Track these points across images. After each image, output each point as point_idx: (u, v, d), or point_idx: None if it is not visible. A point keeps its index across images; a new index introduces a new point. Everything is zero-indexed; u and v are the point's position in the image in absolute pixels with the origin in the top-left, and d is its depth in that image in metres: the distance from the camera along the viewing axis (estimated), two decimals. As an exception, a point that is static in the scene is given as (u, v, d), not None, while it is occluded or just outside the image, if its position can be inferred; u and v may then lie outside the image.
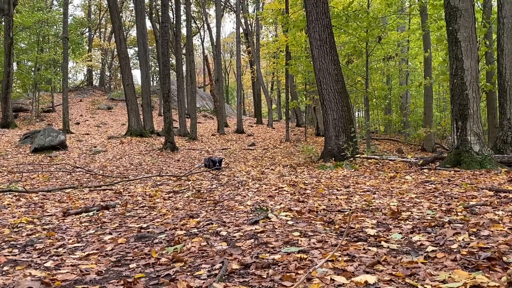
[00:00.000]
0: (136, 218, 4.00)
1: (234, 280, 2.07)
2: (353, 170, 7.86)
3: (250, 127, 26.68)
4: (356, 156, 9.10)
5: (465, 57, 7.12)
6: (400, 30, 19.03)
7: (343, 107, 9.91)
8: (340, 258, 2.29)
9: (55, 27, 26.82)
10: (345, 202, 4.32)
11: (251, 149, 16.03)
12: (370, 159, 9.13)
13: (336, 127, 9.81)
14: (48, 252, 2.84)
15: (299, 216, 3.57)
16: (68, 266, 2.49)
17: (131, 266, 2.44)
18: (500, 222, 3.02)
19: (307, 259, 2.32)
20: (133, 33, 39.54)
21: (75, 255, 2.72)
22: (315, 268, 2.05)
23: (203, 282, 2.05)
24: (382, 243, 2.63)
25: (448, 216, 3.32)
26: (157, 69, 34.40)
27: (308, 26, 10.34)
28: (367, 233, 2.90)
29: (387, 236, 2.82)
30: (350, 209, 3.85)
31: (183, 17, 25.03)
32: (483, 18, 11.78)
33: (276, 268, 2.20)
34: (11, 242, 3.14)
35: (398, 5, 15.06)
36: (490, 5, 12.75)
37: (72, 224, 3.82)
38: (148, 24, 36.74)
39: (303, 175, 7.37)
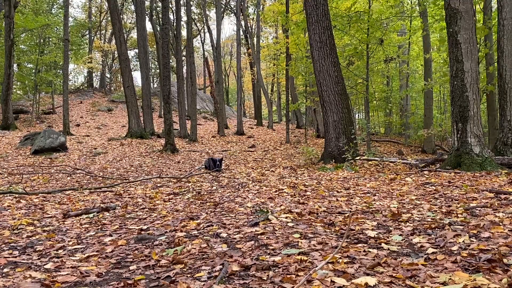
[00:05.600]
0: (136, 220, 4.00)
1: (234, 282, 2.07)
2: (353, 172, 7.86)
3: (250, 129, 26.69)
4: (357, 158, 9.10)
5: (465, 59, 7.13)
6: (401, 33, 19.09)
7: (343, 109, 9.92)
8: (340, 260, 2.29)
9: (56, 29, 26.89)
10: (346, 204, 4.31)
11: (251, 151, 16.03)
12: (371, 161, 9.13)
13: (336, 129, 9.81)
14: (48, 254, 2.83)
15: (299, 218, 3.57)
16: (68, 268, 2.48)
17: (131, 268, 2.44)
18: (501, 224, 3.02)
19: (308, 261, 2.32)
20: (134, 35, 39.66)
21: (75, 257, 2.72)
22: (316, 270, 2.05)
23: (203, 284, 2.05)
24: (383, 245, 2.63)
25: (449, 218, 3.32)
26: (158, 71, 34.46)
27: (309, 28, 10.36)
28: (368, 235, 2.89)
29: (388, 238, 2.82)
30: (351, 211, 3.85)
31: (184, 19, 25.10)
32: (484, 20, 11.80)
33: (276, 270, 2.20)
34: (11, 244, 3.14)
35: (400, 6, 15.07)
36: (490, 7, 12.78)
37: (72, 226, 3.82)
38: (149, 26, 36.80)
39: (303, 177, 7.37)
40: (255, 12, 33.69)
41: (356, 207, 4.05)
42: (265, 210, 3.97)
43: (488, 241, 2.61)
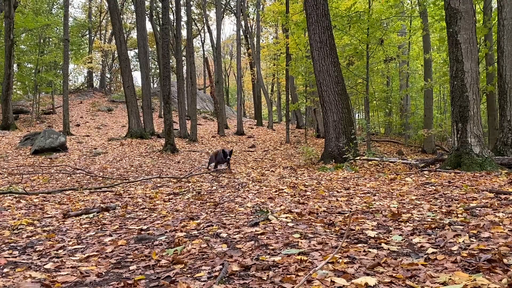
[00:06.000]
0: (136, 220, 4.00)
1: (234, 282, 2.07)
2: (353, 172, 7.86)
3: (250, 129, 26.69)
4: (357, 158, 9.10)
5: (465, 59, 7.13)
6: (401, 33, 19.11)
7: (343, 109, 9.91)
8: (340, 260, 2.29)
9: (56, 29, 26.89)
10: (346, 204, 4.31)
11: (251, 151, 16.03)
12: (371, 161, 9.13)
13: (336, 129, 9.81)
14: (48, 254, 2.83)
15: (299, 218, 3.57)
16: (68, 268, 2.48)
17: (131, 268, 2.44)
18: (501, 224, 3.02)
19: (308, 261, 2.32)
20: (134, 35, 39.69)
21: (75, 257, 2.72)
22: (316, 270, 2.05)
23: (203, 284, 2.05)
24: (383, 245, 2.63)
25: (449, 218, 3.32)
26: (158, 71, 34.48)
27: (309, 28, 10.36)
28: (368, 235, 2.89)
29: (388, 238, 2.82)
30: (351, 211, 3.85)
31: (184, 19, 25.09)
32: (484, 20, 11.80)
33: (276, 270, 2.20)
34: (12, 244, 3.13)
35: (400, 6, 15.08)
36: (491, 7, 12.78)
37: (72, 226, 3.82)
38: (149, 26, 36.81)
39: (303, 177, 7.37)
40: (255, 12, 33.71)
41: (356, 207, 4.05)
42: (265, 210, 3.97)
43: (488, 241, 2.60)
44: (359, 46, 14.45)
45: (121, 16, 32.47)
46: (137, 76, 67.17)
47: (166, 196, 5.65)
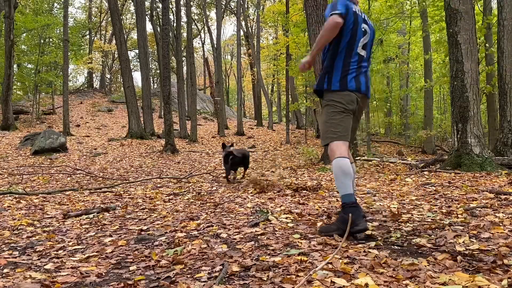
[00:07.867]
0: (137, 220, 4.00)
1: (234, 282, 2.07)
2: (353, 172, 7.85)
3: (251, 129, 26.69)
4: (357, 158, 9.10)
5: (465, 60, 7.13)
6: (401, 34, 19.12)
7: (344, 109, 9.90)
8: (340, 261, 2.29)
9: (56, 29, 26.91)
10: (346, 204, 4.30)
11: (251, 151, 16.03)
12: (370, 161, 9.13)
13: (336, 129, 9.80)
14: (48, 254, 2.83)
15: (300, 219, 3.57)
16: (68, 268, 2.48)
17: (131, 268, 2.44)
18: (501, 224, 3.01)
19: (308, 262, 2.32)
20: (134, 35, 39.69)
21: (75, 257, 2.72)
22: (316, 271, 2.04)
23: (204, 285, 2.05)
24: (383, 245, 2.63)
25: (449, 219, 3.32)
26: (158, 71, 34.47)
27: (309, 29, 10.37)
28: (368, 235, 2.89)
29: (388, 238, 2.82)
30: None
31: (184, 20, 25.11)
32: (483, 20, 11.80)
33: (276, 271, 2.20)
34: (11, 244, 3.13)
35: (399, 7, 15.09)
36: (490, 7, 12.78)
37: (72, 226, 3.82)
38: (149, 26, 36.79)
39: (304, 177, 7.37)
40: (255, 13, 33.75)
41: (356, 208, 4.04)
42: (265, 211, 3.97)
43: (488, 241, 2.60)
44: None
45: (121, 17, 32.49)
46: (137, 76, 67.23)
47: (166, 196, 5.65)
